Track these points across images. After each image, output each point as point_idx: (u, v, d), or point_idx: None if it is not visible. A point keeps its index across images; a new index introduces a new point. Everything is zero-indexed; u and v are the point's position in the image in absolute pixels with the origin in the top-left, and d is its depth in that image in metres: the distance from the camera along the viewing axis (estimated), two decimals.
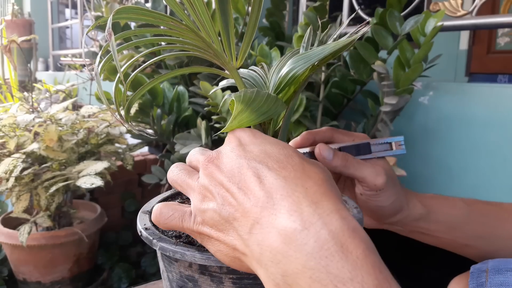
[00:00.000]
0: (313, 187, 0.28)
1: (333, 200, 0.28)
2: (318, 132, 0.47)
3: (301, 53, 0.36)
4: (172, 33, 0.31)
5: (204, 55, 0.33)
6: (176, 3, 0.29)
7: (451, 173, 1.31)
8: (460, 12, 1.18)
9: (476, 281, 0.41)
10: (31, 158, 1.26)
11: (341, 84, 1.29)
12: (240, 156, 0.29)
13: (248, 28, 0.33)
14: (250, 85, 0.39)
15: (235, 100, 0.30)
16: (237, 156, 0.29)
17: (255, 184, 0.28)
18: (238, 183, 0.28)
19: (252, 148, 0.30)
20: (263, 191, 0.27)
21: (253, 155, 0.29)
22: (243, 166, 0.29)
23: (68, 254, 1.38)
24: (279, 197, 0.27)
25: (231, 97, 0.31)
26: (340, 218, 0.26)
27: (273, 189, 0.27)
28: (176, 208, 0.32)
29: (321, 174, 0.29)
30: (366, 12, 1.42)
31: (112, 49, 0.25)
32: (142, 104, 1.30)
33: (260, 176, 0.28)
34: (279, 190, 0.27)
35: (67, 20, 4.22)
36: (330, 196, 0.28)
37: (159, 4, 1.42)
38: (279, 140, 0.31)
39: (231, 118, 0.31)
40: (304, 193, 0.27)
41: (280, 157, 0.29)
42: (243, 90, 0.30)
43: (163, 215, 0.32)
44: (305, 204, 0.26)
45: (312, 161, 0.31)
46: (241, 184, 0.28)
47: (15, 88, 1.96)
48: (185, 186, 0.32)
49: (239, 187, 0.28)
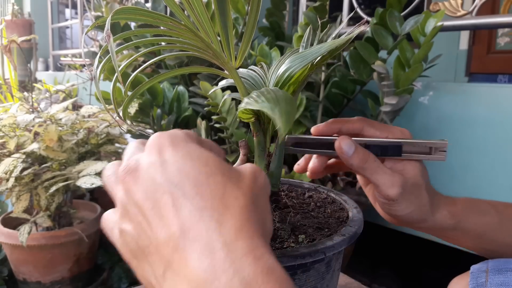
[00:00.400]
0: (229, 221, 0.25)
1: (249, 236, 0.25)
2: (347, 121, 0.44)
3: (299, 52, 0.36)
4: (171, 33, 0.31)
5: (203, 55, 0.33)
6: (175, 3, 0.29)
7: (452, 172, 1.31)
8: (460, 12, 1.18)
9: (476, 281, 0.41)
10: (31, 158, 1.26)
11: (341, 84, 1.28)
12: (157, 174, 0.26)
13: (247, 28, 0.33)
14: (249, 85, 0.39)
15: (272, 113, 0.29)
16: (154, 172, 0.27)
17: (170, 213, 0.25)
18: (154, 207, 0.26)
19: (171, 164, 0.27)
20: (178, 224, 0.25)
21: (171, 174, 0.26)
22: (160, 187, 0.26)
23: (68, 254, 1.38)
24: (191, 237, 0.24)
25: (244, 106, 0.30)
26: (254, 261, 0.23)
27: (186, 225, 0.25)
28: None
29: (242, 200, 0.26)
30: (366, 12, 1.42)
31: (111, 50, 0.25)
32: (142, 104, 1.30)
33: (176, 205, 0.25)
34: (192, 228, 0.24)
35: (67, 20, 4.22)
36: (247, 231, 0.25)
37: (159, 4, 1.42)
38: (204, 152, 0.28)
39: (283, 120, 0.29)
40: (218, 231, 0.24)
41: (200, 178, 0.26)
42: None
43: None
44: (218, 247, 0.24)
45: (237, 178, 0.27)
46: (156, 209, 0.26)
47: (15, 88, 1.96)
48: (112, 194, 0.30)
49: (155, 212, 0.26)
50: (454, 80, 2.45)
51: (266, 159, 0.40)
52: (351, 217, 0.40)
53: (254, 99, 0.30)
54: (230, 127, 1.16)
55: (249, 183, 0.28)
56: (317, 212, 0.43)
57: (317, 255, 0.33)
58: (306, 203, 0.45)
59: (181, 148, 0.28)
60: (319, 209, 0.44)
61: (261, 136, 0.39)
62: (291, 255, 0.32)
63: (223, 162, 0.28)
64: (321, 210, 0.44)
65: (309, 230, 0.38)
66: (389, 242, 1.76)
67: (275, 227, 0.37)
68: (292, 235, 0.36)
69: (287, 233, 0.36)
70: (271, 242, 0.36)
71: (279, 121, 0.27)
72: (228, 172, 0.27)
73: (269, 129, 0.40)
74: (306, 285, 0.35)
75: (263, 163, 0.40)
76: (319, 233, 0.37)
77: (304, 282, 0.35)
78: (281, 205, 0.42)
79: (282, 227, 0.37)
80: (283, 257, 0.32)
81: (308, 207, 0.44)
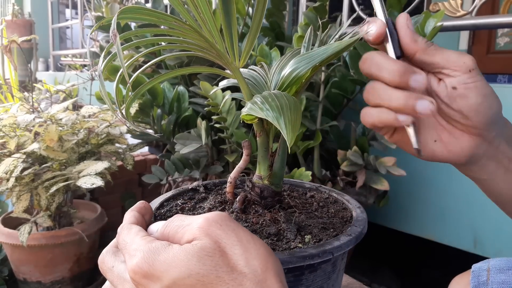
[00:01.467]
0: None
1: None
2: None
3: (303, 53, 0.37)
4: (174, 33, 0.31)
5: (207, 55, 0.33)
6: (179, 3, 0.29)
7: (451, 173, 1.31)
8: (460, 12, 1.18)
9: (478, 279, 0.41)
10: (32, 158, 1.26)
11: (341, 84, 1.29)
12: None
13: (251, 28, 0.33)
14: (251, 85, 0.39)
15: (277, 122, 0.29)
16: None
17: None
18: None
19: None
20: None
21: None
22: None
23: (69, 254, 1.38)
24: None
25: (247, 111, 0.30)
26: None
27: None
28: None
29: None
30: (366, 12, 1.43)
31: (118, 50, 0.25)
32: (143, 104, 1.30)
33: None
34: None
35: (67, 20, 4.22)
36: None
37: (159, 4, 1.42)
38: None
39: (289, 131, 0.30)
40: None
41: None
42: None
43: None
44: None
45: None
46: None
47: (15, 88, 1.96)
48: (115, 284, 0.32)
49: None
50: None
51: (269, 159, 0.40)
52: (355, 217, 0.40)
53: (258, 105, 0.30)
54: (230, 127, 1.16)
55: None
56: (321, 212, 0.43)
57: (325, 255, 0.33)
58: (308, 203, 0.45)
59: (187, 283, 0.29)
60: (322, 209, 0.44)
61: (264, 137, 0.39)
62: (300, 256, 0.32)
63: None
64: (325, 210, 0.44)
65: (315, 230, 0.38)
66: (389, 242, 1.77)
67: (281, 227, 0.38)
68: (299, 236, 0.37)
69: (293, 233, 0.37)
70: (278, 242, 0.36)
71: (285, 131, 0.28)
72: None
73: (271, 129, 0.40)
74: (313, 285, 0.35)
75: (266, 163, 0.40)
76: (325, 233, 0.38)
77: (311, 282, 0.35)
78: (284, 205, 0.42)
79: (288, 227, 0.37)
80: (292, 258, 0.32)
81: (311, 207, 0.44)
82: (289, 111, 0.30)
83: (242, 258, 0.28)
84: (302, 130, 1.20)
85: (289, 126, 0.29)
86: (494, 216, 1.28)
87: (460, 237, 1.38)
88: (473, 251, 1.35)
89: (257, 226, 0.38)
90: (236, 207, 0.41)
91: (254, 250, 0.28)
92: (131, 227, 0.34)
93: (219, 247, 0.28)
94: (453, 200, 1.37)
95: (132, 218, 0.36)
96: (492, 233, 1.30)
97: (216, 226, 0.29)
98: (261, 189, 0.41)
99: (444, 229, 1.42)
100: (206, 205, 0.44)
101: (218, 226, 0.29)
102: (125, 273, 0.31)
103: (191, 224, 0.30)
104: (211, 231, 0.29)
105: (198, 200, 0.46)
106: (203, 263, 0.28)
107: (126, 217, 0.36)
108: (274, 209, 0.40)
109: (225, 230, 0.29)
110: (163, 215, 0.42)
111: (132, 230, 0.33)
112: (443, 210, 1.41)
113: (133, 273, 0.29)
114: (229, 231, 0.29)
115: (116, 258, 0.33)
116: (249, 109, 0.30)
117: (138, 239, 0.32)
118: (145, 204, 0.38)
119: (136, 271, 0.29)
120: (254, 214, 0.40)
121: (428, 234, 1.47)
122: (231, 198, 0.43)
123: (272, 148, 0.40)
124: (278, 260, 0.29)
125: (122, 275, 0.31)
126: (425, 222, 1.47)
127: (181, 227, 0.31)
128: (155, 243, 0.30)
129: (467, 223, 1.35)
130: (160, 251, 0.29)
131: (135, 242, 0.31)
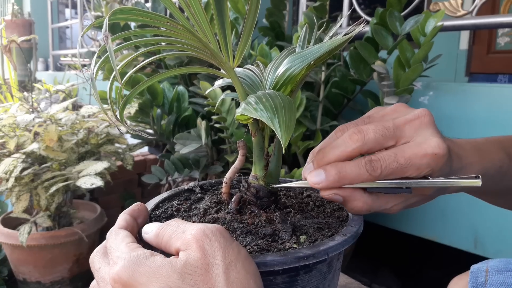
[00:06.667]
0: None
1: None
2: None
3: (297, 52, 0.36)
4: (169, 33, 0.31)
5: (201, 55, 0.33)
6: (172, 3, 0.29)
7: None
8: (460, 12, 1.18)
9: (476, 280, 0.40)
10: (31, 158, 1.26)
11: (341, 84, 1.28)
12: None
13: (245, 28, 0.33)
14: (246, 84, 0.39)
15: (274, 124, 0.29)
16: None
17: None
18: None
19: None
20: None
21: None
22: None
23: (68, 254, 1.38)
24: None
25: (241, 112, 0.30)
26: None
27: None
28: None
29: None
30: (366, 12, 1.42)
31: (109, 51, 0.25)
32: (142, 104, 1.30)
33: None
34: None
35: (67, 20, 4.22)
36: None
37: (159, 4, 1.42)
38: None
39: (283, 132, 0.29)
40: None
41: None
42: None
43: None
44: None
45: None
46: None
47: (15, 88, 1.96)
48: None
49: None
50: (454, 80, 2.45)
51: (265, 159, 0.40)
52: (351, 216, 0.40)
53: (252, 106, 0.30)
54: (230, 127, 1.16)
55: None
56: (317, 211, 0.43)
57: (320, 256, 0.33)
58: (305, 202, 0.45)
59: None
60: (318, 208, 0.44)
61: (260, 137, 0.39)
62: (294, 256, 0.32)
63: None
64: (321, 210, 0.43)
65: (310, 230, 0.38)
66: (389, 242, 1.76)
67: (276, 228, 0.37)
68: (294, 236, 0.36)
69: (288, 234, 0.36)
70: (273, 243, 0.35)
71: (279, 132, 0.28)
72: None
73: (267, 130, 0.39)
74: (309, 285, 0.35)
75: (261, 163, 0.40)
76: (320, 233, 0.37)
77: (306, 282, 0.35)
78: (280, 205, 0.42)
79: (283, 228, 0.37)
80: (287, 259, 0.32)
81: (307, 206, 0.44)
82: (283, 111, 0.29)
83: (221, 280, 0.28)
84: (302, 130, 1.20)
85: (284, 126, 0.29)
86: (494, 216, 1.27)
87: (460, 237, 1.37)
88: (473, 251, 1.34)
89: (253, 227, 0.38)
90: (231, 208, 0.41)
91: (235, 273, 0.29)
92: (119, 232, 0.34)
93: (205, 262, 0.29)
94: (454, 201, 1.37)
95: (123, 222, 0.36)
96: (492, 234, 1.30)
97: (206, 240, 0.30)
98: (257, 189, 0.40)
99: (445, 230, 1.41)
100: (202, 205, 0.43)
101: (208, 242, 0.30)
102: (108, 277, 0.31)
103: (186, 232, 0.31)
104: (202, 244, 0.29)
105: (194, 200, 0.46)
106: (183, 281, 0.28)
107: (117, 221, 0.36)
108: (269, 209, 0.40)
109: (213, 246, 0.29)
110: (158, 216, 0.42)
111: (119, 236, 0.33)
112: (443, 211, 1.41)
113: (113, 281, 0.30)
114: (217, 248, 0.29)
115: (104, 260, 0.34)
116: (243, 110, 0.30)
117: (123, 246, 0.32)
118: (139, 206, 0.38)
119: (116, 279, 0.30)
120: (249, 215, 0.40)
121: (428, 235, 1.47)
122: (227, 199, 0.43)
123: (267, 148, 0.40)
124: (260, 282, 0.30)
125: (106, 279, 0.32)
126: (425, 223, 1.47)
127: (175, 232, 0.31)
128: (137, 252, 0.30)
129: (467, 224, 1.35)
130: (141, 262, 0.29)
131: (119, 249, 0.32)
